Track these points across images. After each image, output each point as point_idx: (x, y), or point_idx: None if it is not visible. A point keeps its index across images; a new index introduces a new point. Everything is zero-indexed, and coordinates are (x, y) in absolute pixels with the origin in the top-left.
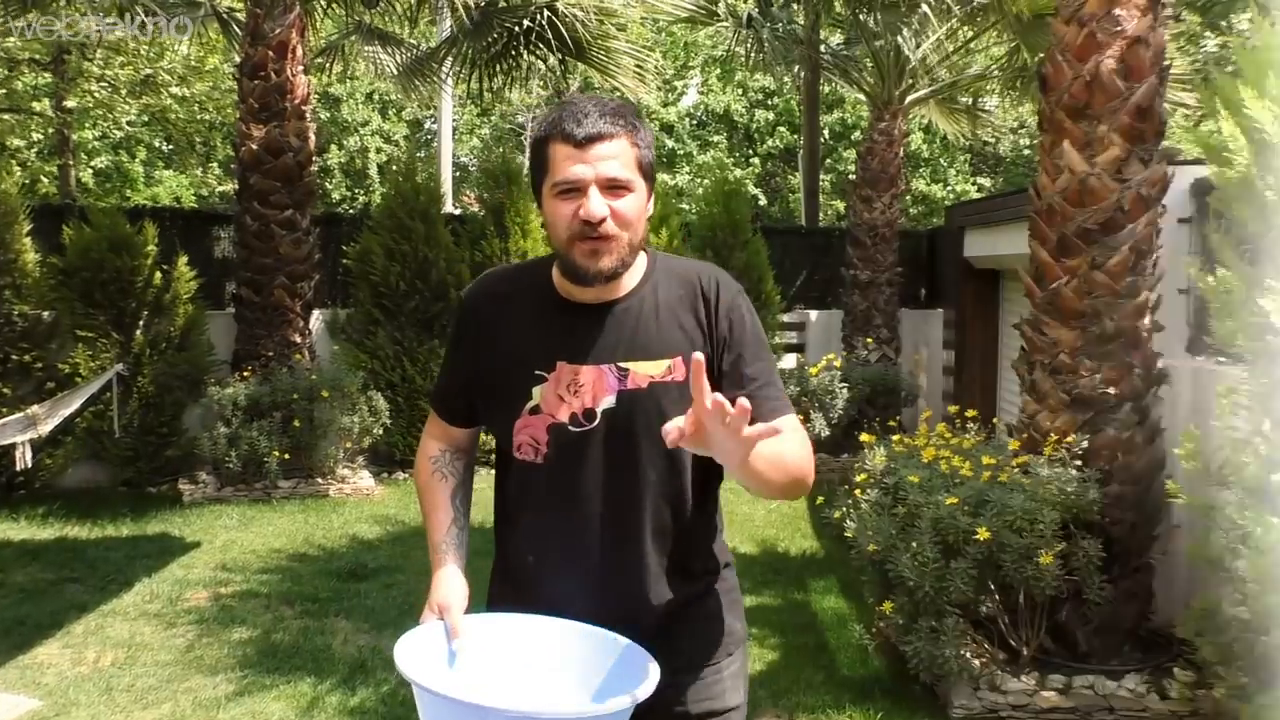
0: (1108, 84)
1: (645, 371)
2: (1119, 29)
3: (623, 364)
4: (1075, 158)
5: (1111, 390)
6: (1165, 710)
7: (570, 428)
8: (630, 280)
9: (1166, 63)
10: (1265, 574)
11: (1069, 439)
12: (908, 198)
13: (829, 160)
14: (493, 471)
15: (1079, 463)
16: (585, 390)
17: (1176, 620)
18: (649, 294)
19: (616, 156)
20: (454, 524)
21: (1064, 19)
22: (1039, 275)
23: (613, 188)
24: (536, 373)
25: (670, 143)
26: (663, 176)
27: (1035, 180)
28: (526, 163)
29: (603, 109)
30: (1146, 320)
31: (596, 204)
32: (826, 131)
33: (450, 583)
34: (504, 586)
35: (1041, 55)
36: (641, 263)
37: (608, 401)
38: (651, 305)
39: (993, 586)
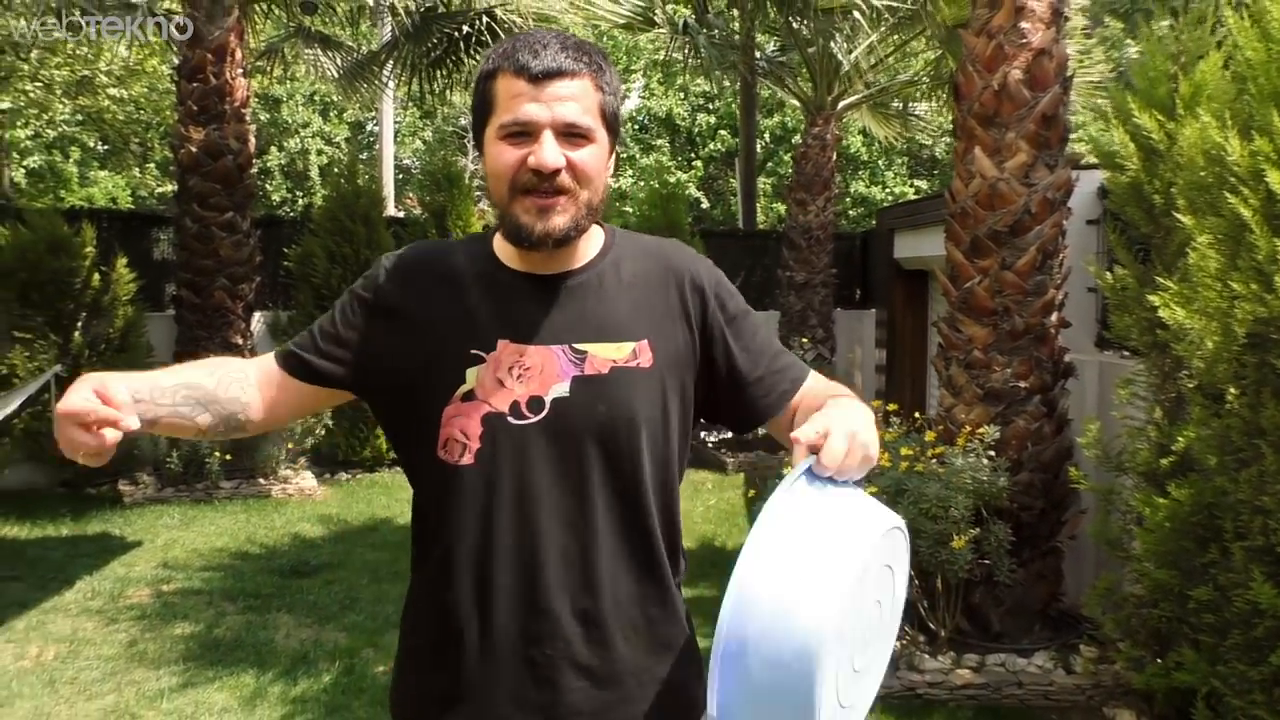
0: (1015, 93)
1: (606, 355)
2: (1024, 41)
3: (579, 345)
4: (986, 163)
5: (1021, 384)
6: (1070, 684)
7: (510, 419)
8: (587, 251)
9: (1069, 73)
10: (1154, 551)
11: (981, 430)
12: (847, 200)
13: (770, 164)
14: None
15: (992, 453)
16: (532, 374)
17: (1085, 600)
18: (609, 267)
19: (578, 99)
20: (183, 390)
21: (974, 31)
22: (954, 275)
23: (571, 135)
24: (473, 352)
25: None
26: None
27: (950, 185)
28: (470, 110)
29: (564, 42)
30: (1053, 317)
31: (550, 152)
32: (767, 135)
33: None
34: (409, 663)
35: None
36: (598, 233)
37: (559, 389)
38: (614, 280)
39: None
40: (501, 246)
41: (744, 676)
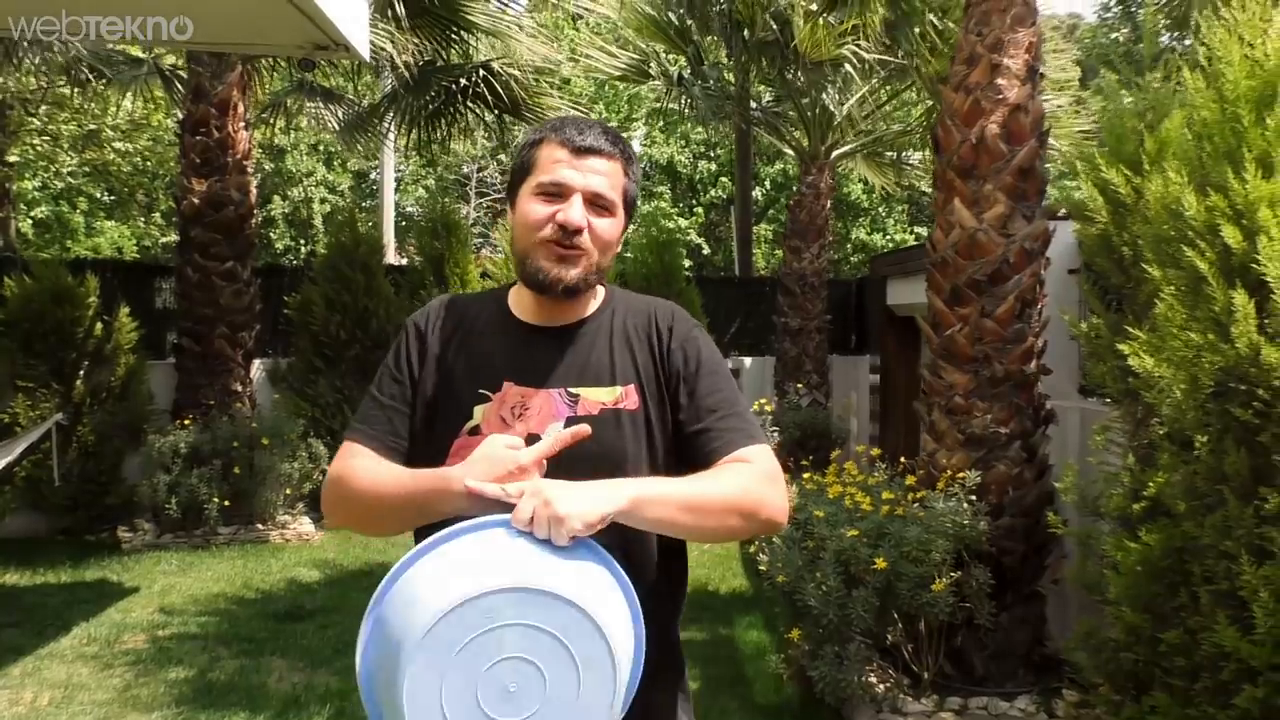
0: (992, 147)
1: (596, 398)
2: (1001, 97)
3: (573, 389)
4: (965, 214)
5: (1002, 430)
6: None
7: None
8: (588, 307)
9: (1045, 127)
10: (1126, 594)
11: (962, 475)
12: (848, 246)
13: (771, 210)
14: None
15: (973, 497)
16: (531, 415)
17: (1066, 644)
18: (605, 321)
19: (608, 175)
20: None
21: (953, 87)
22: (935, 322)
23: (597, 204)
24: (480, 391)
25: None
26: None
27: (931, 235)
28: (507, 178)
29: (605, 128)
30: (1033, 364)
31: (578, 212)
32: (768, 183)
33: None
34: None
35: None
36: (600, 291)
37: (554, 428)
38: (607, 331)
39: (896, 616)
40: (516, 301)
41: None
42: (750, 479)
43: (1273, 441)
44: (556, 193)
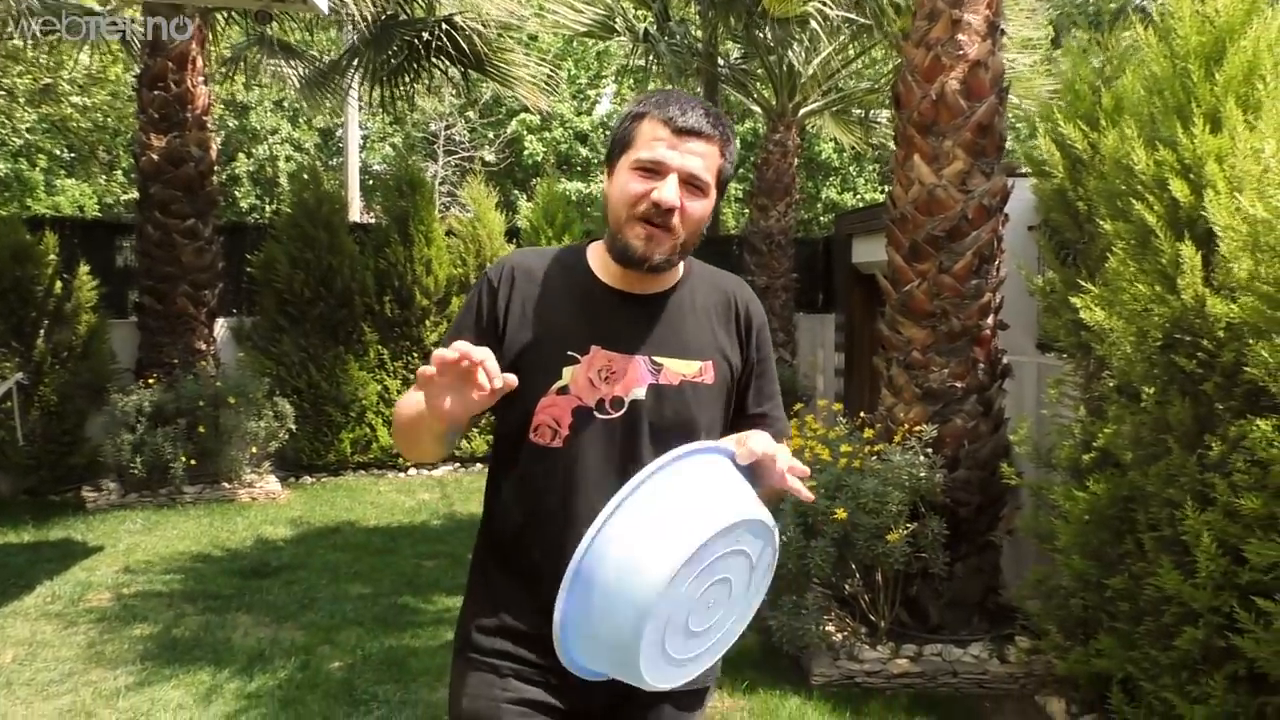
0: (952, 103)
1: (678, 369)
2: (961, 53)
3: (657, 358)
4: (924, 170)
5: (958, 384)
6: (1004, 673)
7: (596, 414)
8: (670, 277)
9: (1005, 84)
10: (1074, 542)
11: (919, 428)
12: (819, 206)
13: (741, 169)
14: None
15: (929, 450)
16: (618, 378)
17: (1017, 591)
18: (687, 295)
19: (705, 157)
20: None
21: (914, 43)
22: (894, 279)
23: (692, 184)
24: (569, 353)
25: (585, 152)
26: (577, 185)
27: (891, 191)
28: (609, 138)
29: (707, 110)
30: (990, 320)
31: (672, 191)
32: (739, 142)
33: None
34: (496, 577)
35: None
36: (681, 264)
37: (638, 392)
38: (690, 305)
39: (854, 567)
40: (597, 262)
41: (586, 604)
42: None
43: (1215, 391)
44: (654, 170)
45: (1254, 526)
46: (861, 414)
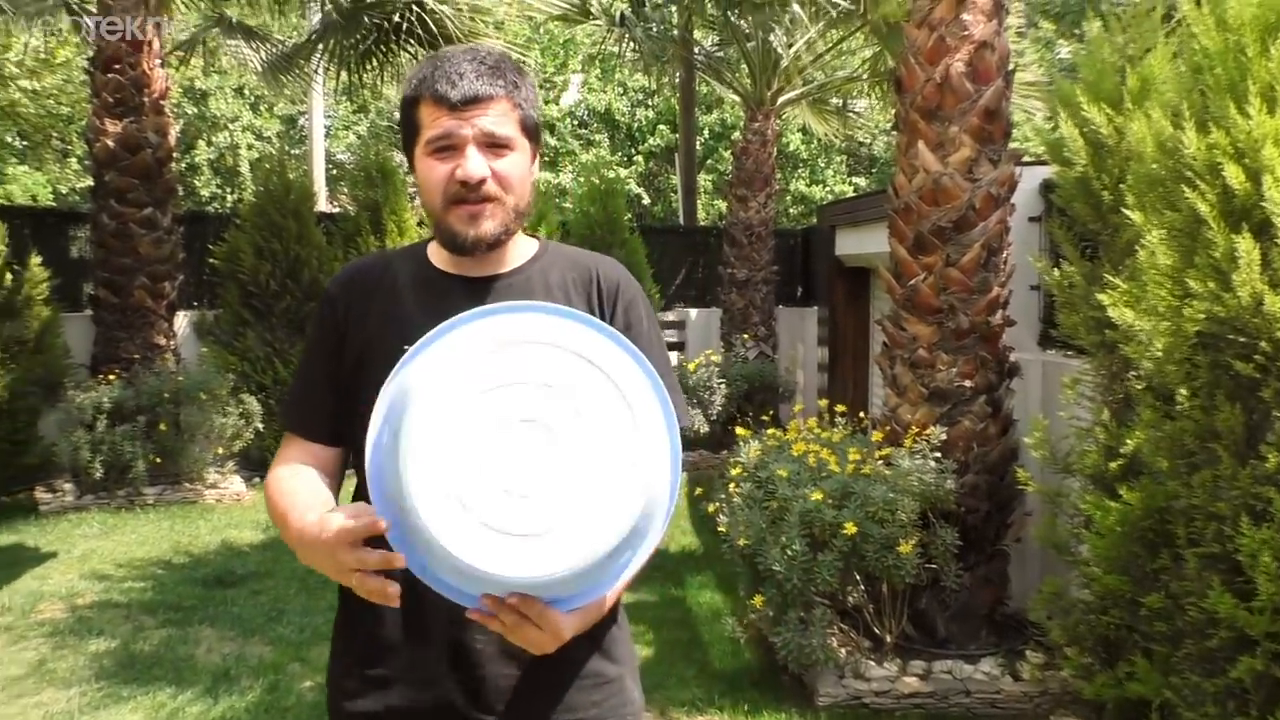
0: (957, 86)
1: None
2: (966, 33)
3: None
4: (929, 158)
5: (967, 383)
6: (1018, 691)
7: None
8: (516, 257)
9: (1012, 67)
10: (1104, 556)
11: (928, 431)
12: (787, 198)
13: (710, 160)
14: None
15: (938, 454)
16: None
17: (1031, 605)
18: (537, 273)
19: (495, 115)
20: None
21: (915, 23)
22: (898, 272)
23: (493, 145)
24: (405, 347)
25: (553, 141)
26: (546, 175)
27: (893, 179)
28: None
29: (479, 66)
30: (998, 315)
31: (475, 163)
32: (706, 131)
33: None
34: (341, 641)
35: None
36: (530, 243)
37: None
38: (540, 283)
39: (858, 577)
40: (435, 252)
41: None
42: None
43: (1274, 397)
44: (448, 146)
45: None
46: (862, 414)
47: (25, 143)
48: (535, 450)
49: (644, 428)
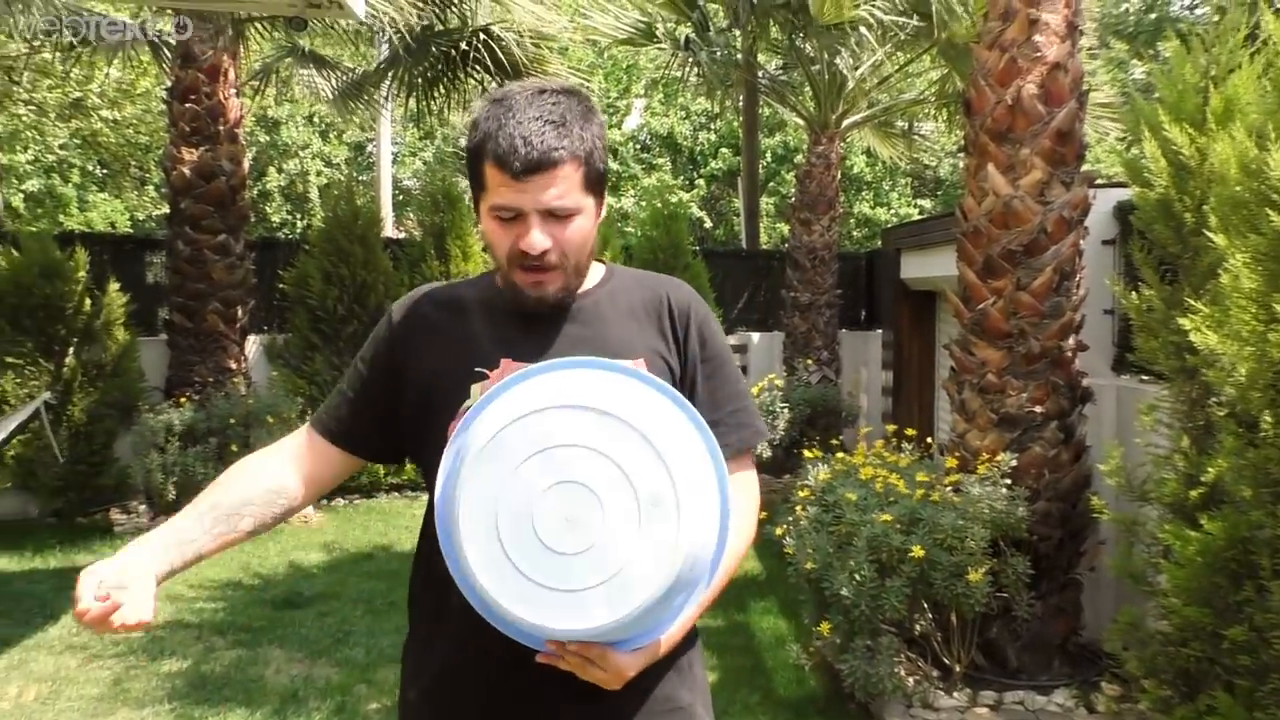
0: (1029, 108)
1: None
2: (1039, 55)
3: None
4: (999, 180)
5: (1038, 409)
6: None
7: None
8: (586, 282)
9: (1085, 88)
10: (1184, 587)
11: (998, 457)
12: (851, 221)
13: (771, 183)
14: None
15: (1008, 481)
16: None
17: (1105, 635)
18: (605, 296)
19: (559, 185)
20: (211, 512)
21: (986, 45)
22: (967, 296)
23: (556, 215)
24: (477, 369)
25: (615, 166)
26: (608, 200)
27: (962, 202)
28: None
29: (544, 126)
30: (1071, 340)
31: (538, 237)
32: (769, 155)
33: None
34: (413, 641)
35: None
36: (597, 268)
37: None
38: (609, 306)
39: (926, 605)
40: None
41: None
42: (749, 523)
43: None
44: (512, 216)
45: None
46: (929, 440)
47: (105, 171)
48: (579, 511)
49: (686, 486)
